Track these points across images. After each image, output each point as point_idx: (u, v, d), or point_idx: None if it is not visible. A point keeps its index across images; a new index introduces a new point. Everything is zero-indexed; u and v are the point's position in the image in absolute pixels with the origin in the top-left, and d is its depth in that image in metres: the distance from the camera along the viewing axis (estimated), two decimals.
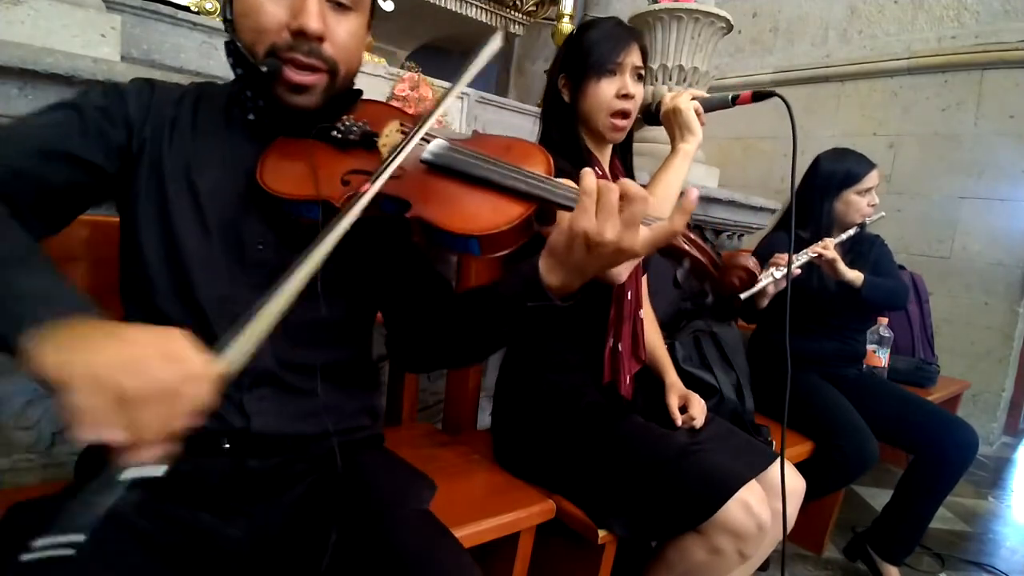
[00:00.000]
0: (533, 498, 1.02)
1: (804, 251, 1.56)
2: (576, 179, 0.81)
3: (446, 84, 2.02)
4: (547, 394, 1.15)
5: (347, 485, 0.70)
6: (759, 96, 1.05)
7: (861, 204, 1.70)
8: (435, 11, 2.41)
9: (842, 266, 1.59)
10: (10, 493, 0.85)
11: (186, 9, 1.68)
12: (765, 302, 1.42)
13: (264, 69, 0.64)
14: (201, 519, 0.65)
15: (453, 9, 2.45)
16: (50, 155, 0.63)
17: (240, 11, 0.67)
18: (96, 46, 1.10)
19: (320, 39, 0.66)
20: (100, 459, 0.66)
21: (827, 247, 1.58)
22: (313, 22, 0.64)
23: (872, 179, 1.71)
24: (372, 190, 0.60)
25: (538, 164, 0.68)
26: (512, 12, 2.65)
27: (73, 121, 0.65)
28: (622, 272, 0.99)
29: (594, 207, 0.59)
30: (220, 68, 1.56)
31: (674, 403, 1.20)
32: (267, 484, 0.69)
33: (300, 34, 0.65)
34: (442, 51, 3.06)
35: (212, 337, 0.66)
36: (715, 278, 0.65)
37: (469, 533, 0.89)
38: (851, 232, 1.67)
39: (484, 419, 1.39)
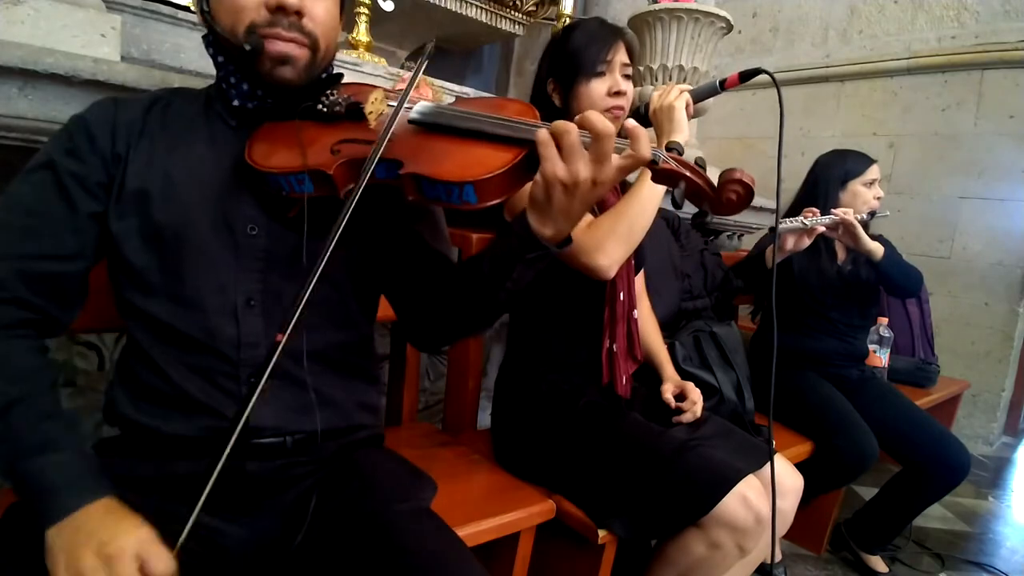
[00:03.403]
0: (533, 498, 1.02)
1: (827, 215, 1.55)
2: None
3: (447, 84, 2.02)
4: (546, 394, 1.15)
5: (348, 485, 0.70)
6: (746, 76, 1.06)
7: (868, 195, 1.71)
8: (435, 11, 2.40)
9: (862, 233, 1.58)
10: (9, 493, 0.85)
11: (186, 9, 1.68)
12: (781, 256, 1.48)
13: (247, 47, 0.66)
14: (202, 519, 0.65)
15: (453, 9, 2.44)
16: (41, 233, 0.65)
17: None
18: (96, 46, 1.09)
19: (299, 14, 0.68)
20: (106, 461, 0.67)
21: (848, 212, 1.57)
22: None
23: (874, 172, 1.72)
24: (379, 150, 0.61)
25: (526, 115, 0.69)
26: (512, 12, 2.64)
27: (48, 182, 0.66)
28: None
29: (557, 153, 0.60)
30: None
31: (668, 388, 1.21)
32: (267, 488, 0.69)
33: (279, 9, 0.66)
34: (442, 51, 3.06)
35: (211, 330, 0.68)
36: (711, 197, 0.64)
37: (469, 533, 0.89)
38: (859, 218, 1.65)
39: (484, 419, 1.39)
